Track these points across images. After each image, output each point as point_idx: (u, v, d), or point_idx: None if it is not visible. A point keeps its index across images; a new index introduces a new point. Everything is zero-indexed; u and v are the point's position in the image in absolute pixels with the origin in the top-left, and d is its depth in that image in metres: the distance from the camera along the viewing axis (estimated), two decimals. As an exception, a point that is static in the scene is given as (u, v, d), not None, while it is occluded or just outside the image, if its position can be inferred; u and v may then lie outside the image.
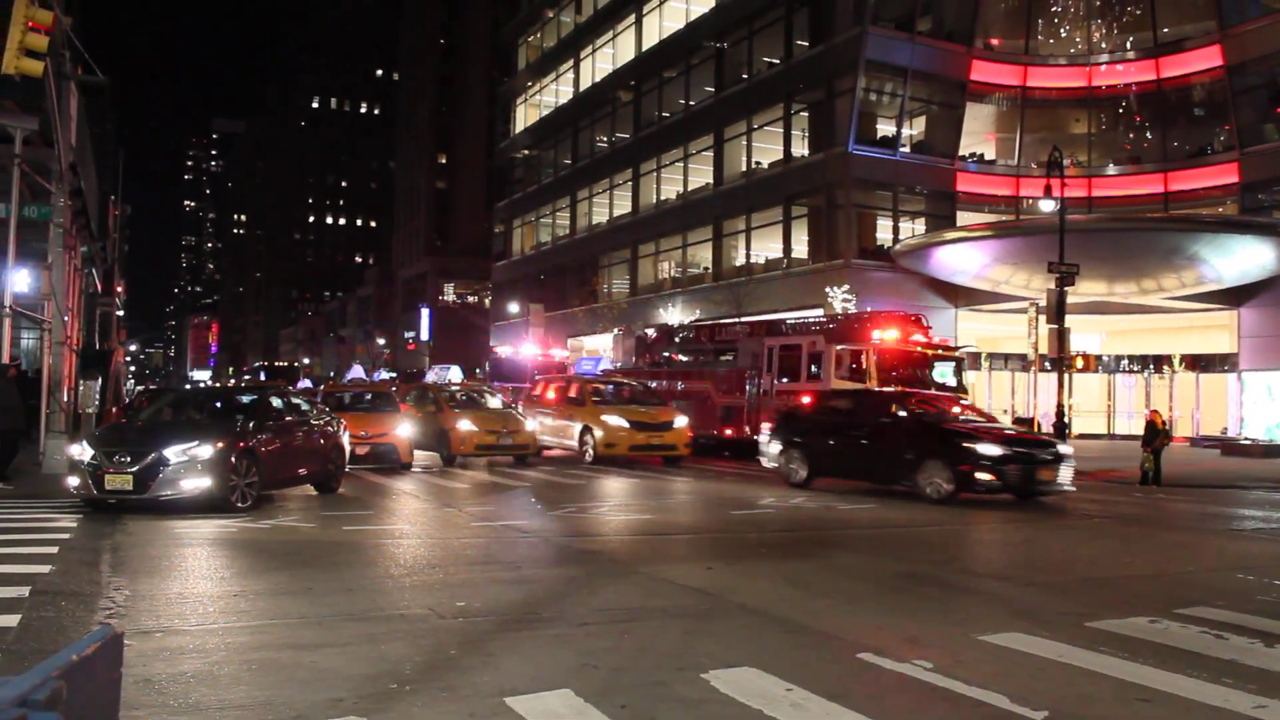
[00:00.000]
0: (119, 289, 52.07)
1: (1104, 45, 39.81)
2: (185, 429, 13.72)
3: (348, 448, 16.94)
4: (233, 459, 12.95)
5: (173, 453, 12.59)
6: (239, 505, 12.96)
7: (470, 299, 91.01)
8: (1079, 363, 28.33)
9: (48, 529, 11.26)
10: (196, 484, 12.58)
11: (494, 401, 24.90)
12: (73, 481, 13.02)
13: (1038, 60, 39.91)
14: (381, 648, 6.26)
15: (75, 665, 2.11)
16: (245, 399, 16.31)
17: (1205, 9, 37.33)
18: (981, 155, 40.21)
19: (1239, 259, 33.19)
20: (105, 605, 7.46)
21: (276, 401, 15.78)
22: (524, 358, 41.59)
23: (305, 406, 16.62)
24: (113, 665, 2.36)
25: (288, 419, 15.23)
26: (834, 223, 38.23)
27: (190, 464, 12.58)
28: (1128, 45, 39.41)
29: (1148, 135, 39.65)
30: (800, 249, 40.29)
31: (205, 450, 12.71)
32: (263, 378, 61.31)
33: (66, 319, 23.76)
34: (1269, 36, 34.75)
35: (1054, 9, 40.26)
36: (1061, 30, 40.32)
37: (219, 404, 16.11)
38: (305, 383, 35.30)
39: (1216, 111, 37.69)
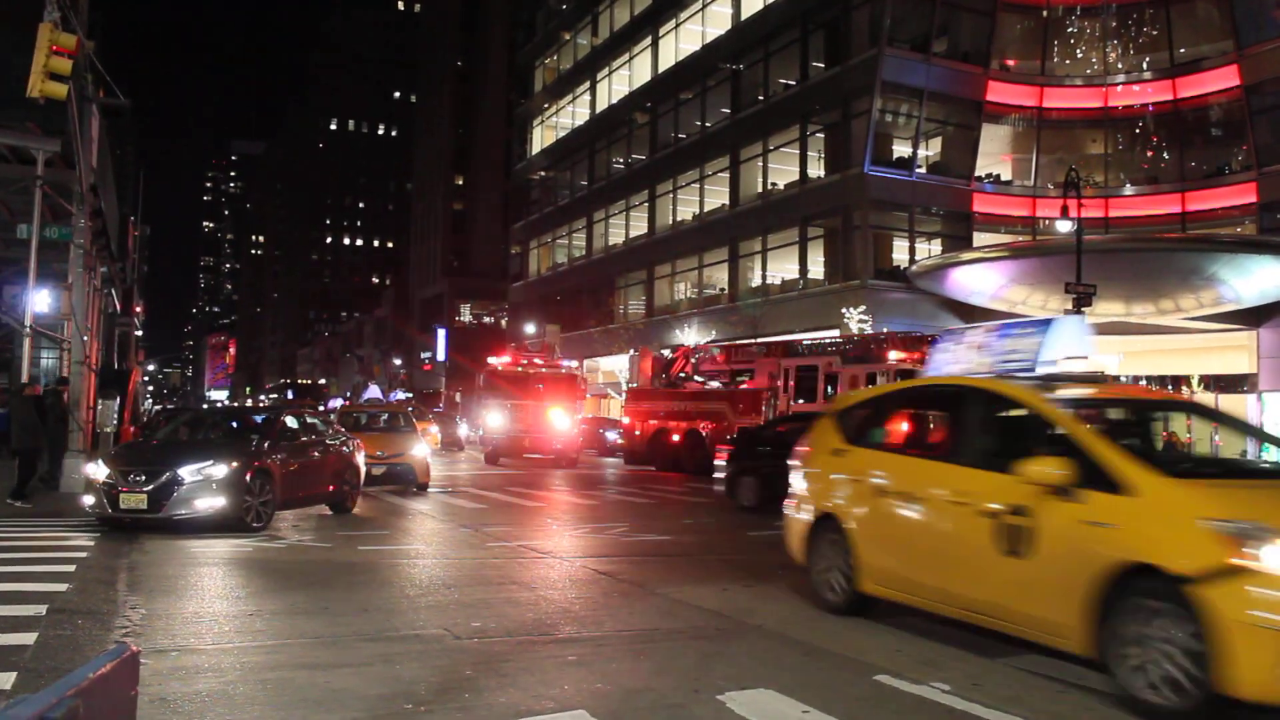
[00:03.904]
0: (138, 309, 52.38)
1: (1120, 66, 39.75)
2: (200, 448, 13.76)
3: (363, 468, 16.88)
4: (247, 478, 12.94)
5: (187, 472, 12.59)
6: (253, 525, 12.94)
7: (487, 320, 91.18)
8: (1097, 384, 28.11)
9: (65, 547, 11.30)
10: (211, 503, 12.57)
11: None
12: (88, 500, 13.03)
13: (1054, 81, 39.88)
14: (396, 668, 6.25)
15: (92, 684, 2.11)
16: (260, 418, 16.30)
17: (1222, 29, 37.26)
18: (998, 176, 40.15)
19: (1258, 279, 32.99)
20: (121, 624, 7.47)
21: (292, 421, 15.75)
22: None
23: (321, 426, 16.60)
24: (129, 684, 2.36)
25: (302, 439, 15.20)
26: (850, 243, 38.20)
27: (205, 483, 12.58)
28: (1144, 66, 39.35)
29: (1165, 155, 39.52)
30: (816, 270, 40.27)
31: (219, 470, 12.71)
32: (290, 396, 61.46)
33: (86, 339, 23.91)
34: (1286, 56, 34.64)
35: (1070, 30, 40.25)
36: (1078, 51, 40.29)
37: (234, 423, 16.13)
38: (337, 401, 35.31)
39: (1234, 131, 37.56)
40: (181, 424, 16.76)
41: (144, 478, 12.53)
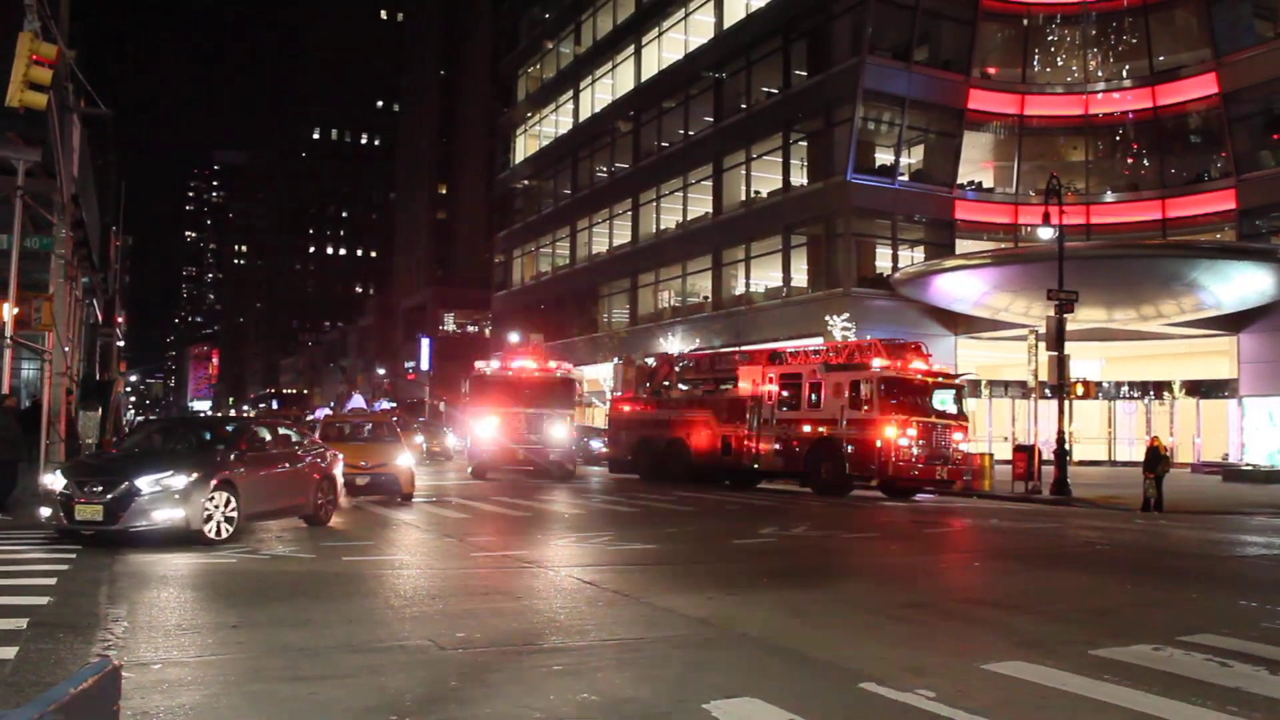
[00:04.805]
0: (119, 320, 52.14)
1: (1100, 74, 40.03)
2: (161, 459, 13.31)
3: (340, 480, 16.59)
4: (209, 490, 12.52)
5: (145, 483, 12.16)
6: (215, 538, 12.53)
7: (471, 329, 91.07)
8: (1079, 390, 28.20)
9: (46, 560, 11.21)
10: (170, 515, 12.13)
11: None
12: (44, 512, 12.62)
13: (1035, 89, 40.13)
14: (382, 679, 6.23)
15: (74, 699, 2.10)
16: (229, 428, 16.03)
17: (1200, 37, 37.57)
18: (980, 183, 40.35)
19: (1237, 285, 33.25)
20: (103, 637, 7.42)
21: (263, 432, 15.45)
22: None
23: (295, 437, 16.25)
24: (111, 698, 2.35)
25: (273, 450, 14.82)
26: (833, 251, 38.32)
27: (164, 494, 12.15)
28: (1124, 74, 39.64)
29: (1145, 162, 39.80)
30: (800, 278, 40.36)
31: (179, 480, 12.29)
32: (275, 406, 60.96)
33: (67, 350, 23.77)
34: (1263, 64, 34.96)
35: (1050, 38, 40.52)
36: (1058, 59, 40.55)
37: (202, 433, 15.67)
38: (323, 411, 34.75)
39: (1213, 138, 37.86)
40: (149, 434, 16.44)
41: (101, 489, 12.13)
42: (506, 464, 28.82)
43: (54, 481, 12.68)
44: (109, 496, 12.05)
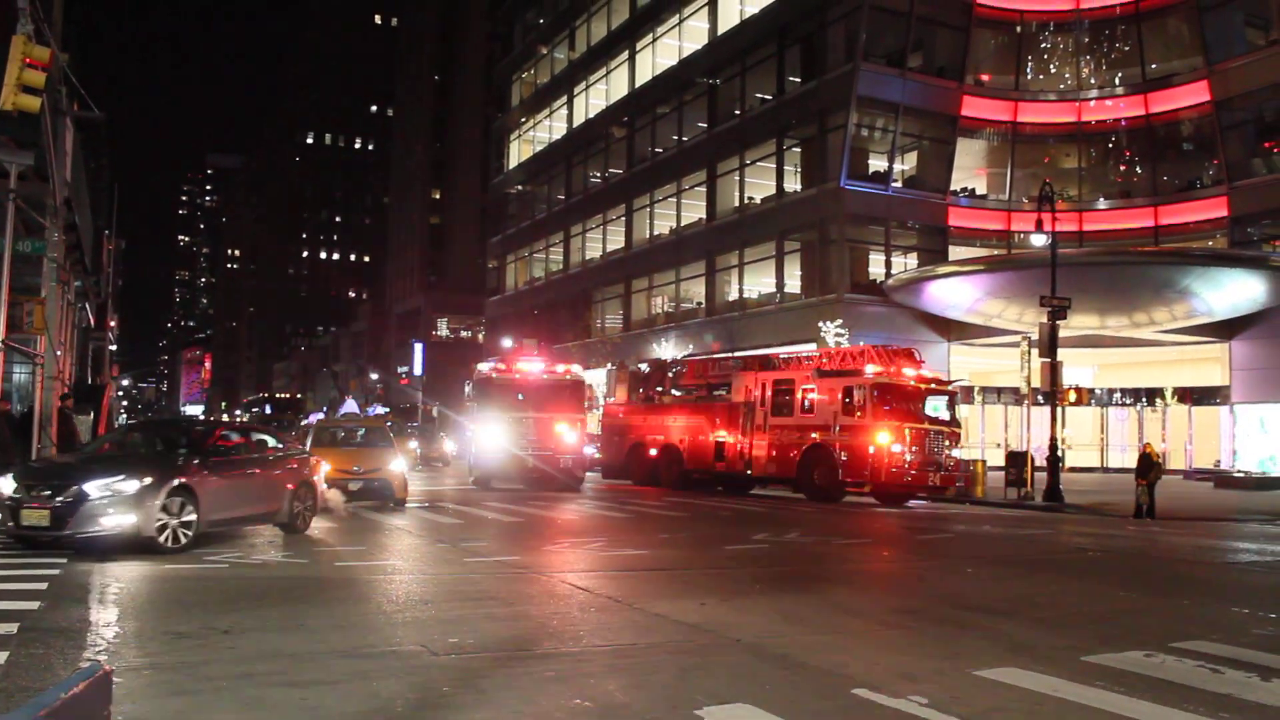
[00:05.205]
0: (112, 323, 52.02)
1: (1093, 81, 40.16)
2: (115, 463, 12.86)
3: (323, 486, 16.17)
4: (162, 495, 12.01)
5: (94, 487, 11.71)
6: (169, 545, 12.02)
7: (464, 334, 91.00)
8: (1071, 396, 28.30)
9: (37, 565, 11.16)
10: (119, 521, 11.66)
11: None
12: None
13: (1028, 96, 40.24)
14: (374, 685, 6.21)
15: (64, 704, 2.09)
16: (197, 430, 15.69)
17: (1192, 45, 37.71)
18: (973, 190, 40.43)
19: (1229, 292, 33.35)
20: (94, 642, 7.40)
21: (233, 435, 15.18)
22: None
23: (272, 442, 15.79)
24: (101, 703, 2.34)
25: (242, 454, 14.40)
26: (827, 257, 38.37)
27: (114, 499, 11.68)
28: (1116, 81, 39.77)
29: (1137, 170, 39.93)
30: (793, 284, 40.41)
31: (130, 485, 11.83)
32: (268, 410, 60.55)
33: (59, 354, 23.72)
34: (1255, 72, 35.09)
35: (1043, 45, 40.64)
36: (1051, 66, 40.68)
37: (169, 437, 15.08)
38: (317, 416, 34.48)
39: (1205, 146, 37.98)
40: (117, 437, 16.05)
41: (49, 493, 11.74)
42: (514, 472, 26.54)
43: (5, 485, 12.23)
44: (56, 501, 11.66)
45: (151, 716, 5.48)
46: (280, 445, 15.88)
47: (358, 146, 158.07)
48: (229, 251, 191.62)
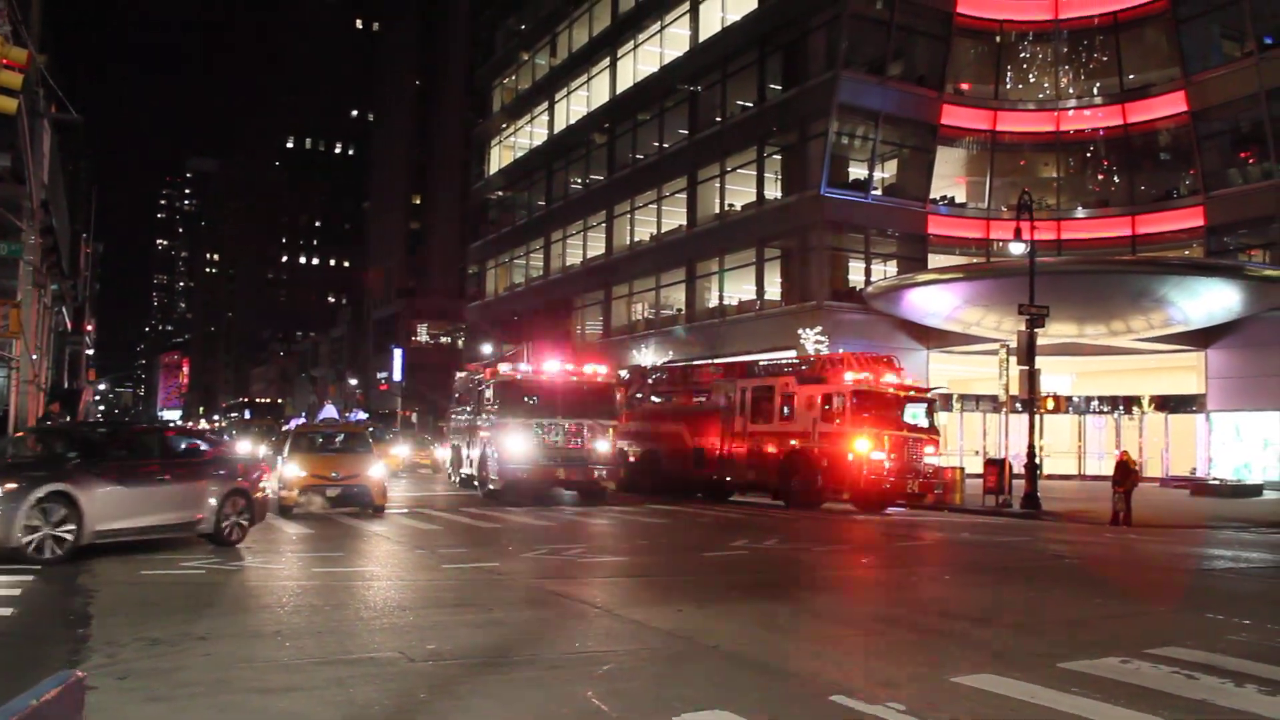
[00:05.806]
0: (89, 327, 51.68)
1: (1072, 91, 40.41)
2: None
3: (267, 494, 15.51)
4: (31, 502, 11.34)
5: None
6: (40, 556, 11.39)
7: (443, 340, 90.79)
8: (1049, 404, 28.47)
9: (10, 572, 11.06)
10: None
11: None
12: None
13: (1007, 105, 40.44)
14: (350, 691, 6.19)
15: (36, 710, 2.08)
16: (100, 433, 15.08)
17: (1169, 56, 37.98)
18: (952, 198, 40.60)
19: (1206, 301, 33.58)
20: (68, 649, 7.35)
21: (149, 439, 14.62)
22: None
23: (204, 446, 15.15)
24: (74, 710, 2.33)
25: (153, 460, 13.62)
26: (807, 265, 38.45)
27: None
28: (1095, 91, 40.03)
29: (1115, 179, 40.17)
30: (773, 291, 40.47)
31: None
32: (248, 415, 60.17)
33: (35, 357, 23.54)
34: (1231, 83, 35.37)
35: (1022, 55, 40.87)
36: (1030, 76, 40.91)
37: (68, 440, 14.06)
38: (296, 421, 34.09)
39: (1182, 156, 38.25)
40: (19, 441, 15.47)
41: None
42: (545, 483, 23.97)
43: None
44: None
45: (125, 723, 5.44)
46: (213, 450, 15.18)
47: (338, 151, 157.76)
48: (208, 256, 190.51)
